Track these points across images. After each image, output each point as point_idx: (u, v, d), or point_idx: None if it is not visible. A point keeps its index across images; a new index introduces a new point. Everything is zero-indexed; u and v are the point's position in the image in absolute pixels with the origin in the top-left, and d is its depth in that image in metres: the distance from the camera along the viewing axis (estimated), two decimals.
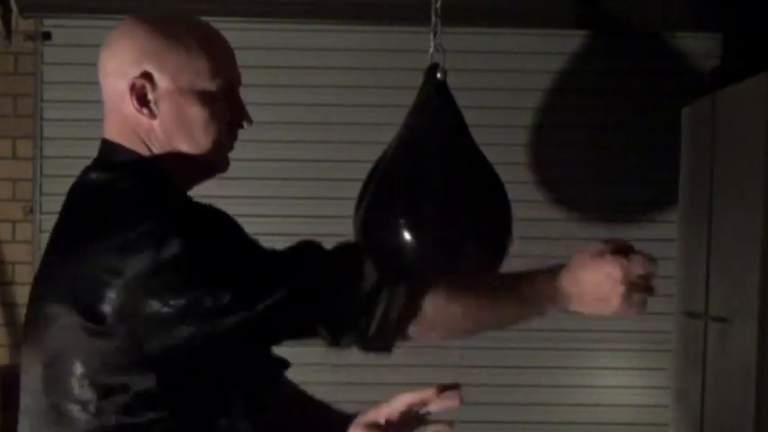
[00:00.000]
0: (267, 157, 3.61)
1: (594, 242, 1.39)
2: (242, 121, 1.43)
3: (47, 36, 3.70)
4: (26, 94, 3.71)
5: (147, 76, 1.35)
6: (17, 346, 3.52)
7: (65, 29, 3.69)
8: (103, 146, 1.41)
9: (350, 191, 2.71)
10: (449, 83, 2.63)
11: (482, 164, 2.61)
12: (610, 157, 3.75)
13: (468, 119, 2.66)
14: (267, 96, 3.51)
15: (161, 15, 1.42)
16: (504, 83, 3.72)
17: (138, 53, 1.35)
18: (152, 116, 1.36)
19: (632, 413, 3.76)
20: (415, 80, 2.70)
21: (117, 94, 1.37)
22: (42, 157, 3.70)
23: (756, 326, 2.81)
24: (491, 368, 3.66)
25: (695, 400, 3.28)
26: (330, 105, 3.71)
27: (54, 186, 3.60)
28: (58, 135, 3.68)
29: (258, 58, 3.51)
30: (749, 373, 2.84)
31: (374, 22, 3.68)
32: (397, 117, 2.68)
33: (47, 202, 3.66)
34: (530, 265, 1.44)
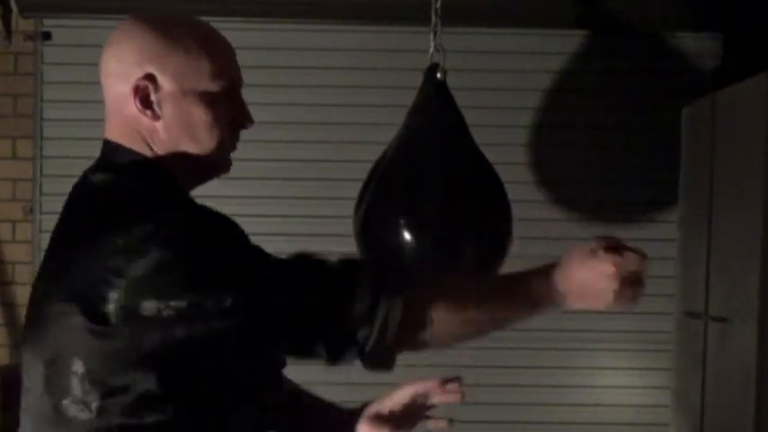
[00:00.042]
0: (267, 157, 3.60)
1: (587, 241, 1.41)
2: (244, 121, 1.43)
3: (47, 36, 3.70)
4: (26, 94, 3.71)
5: (150, 77, 1.34)
6: (17, 346, 3.52)
7: (65, 29, 3.69)
8: (105, 147, 1.40)
9: (350, 191, 2.71)
10: (449, 83, 2.63)
11: (482, 164, 2.61)
12: (610, 157, 3.74)
13: (468, 119, 2.65)
14: (267, 96, 3.51)
15: (162, 16, 1.42)
16: (504, 83, 3.72)
17: (141, 54, 1.34)
18: (155, 118, 1.36)
19: (632, 413, 3.76)
20: (415, 80, 2.70)
21: (119, 95, 1.37)
22: (42, 157, 3.70)
23: (756, 326, 2.81)
24: (491, 368, 3.66)
25: (695, 400, 3.28)
26: (330, 105, 3.71)
27: (54, 186, 3.60)
28: (58, 135, 3.68)
29: (258, 58, 3.51)
30: (749, 373, 2.83)
31: (374, 22, 3.68)
32: (397, 117, 2.68)
33: (47, 202, 3.66)
34: (530, 266, 1.45)
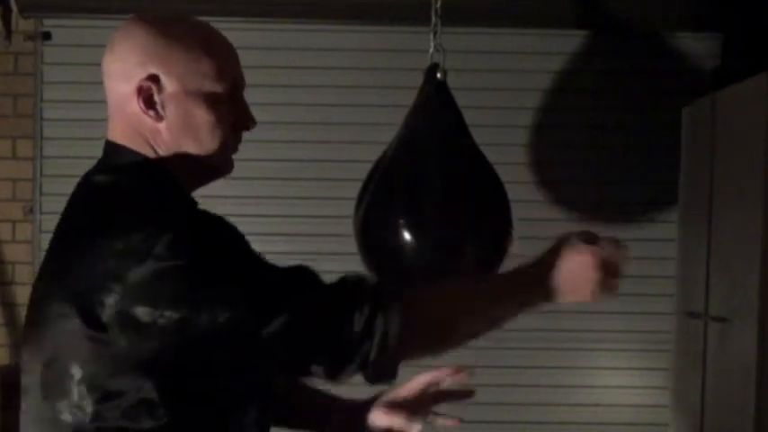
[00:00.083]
0: (267, 157, 3.60)
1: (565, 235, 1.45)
2: (247, 123, 1.42)
3: (47, 36, 3.70)
4: (26, 94, 3.71)
5: (154, 78, 1.34)
6: (17, 346, 3.52)
7: (65, 29, 3.69)
8: (107, 147, 1.39)
9: (350, 191, 2.71)
10: (449, 83, 2.63)
11: (482, 164, 2.60)
12: (610, 157, 3.74)
13: (468, 119, 2.65)
14: (267, 96, 3.51)
15: (164, 16, 1.41)
16: (504, 83, 3.72)
17: (144, 55, 1.34)
18: (158, 118, 1.35)
19: (632, 413, 3.76)
20: (415, 80, 2.69)
21: (122, 96, 1.36)
22: (42, 157, 3.70)
23: (756, 326, 2.81)
24: (491, 368, 3.66)
25: (695, 400, 3.28)
26: (330, 105, 3.71)
27: (54, 186, 3.60)
28: (58, 135, 3.68)
29: (258, 58, 3.51)
30: (749, 373, 2.83)
31: (374, 22, 3.68)
32: (397, 117, 2.68)
33: (47, 202, 3.66)
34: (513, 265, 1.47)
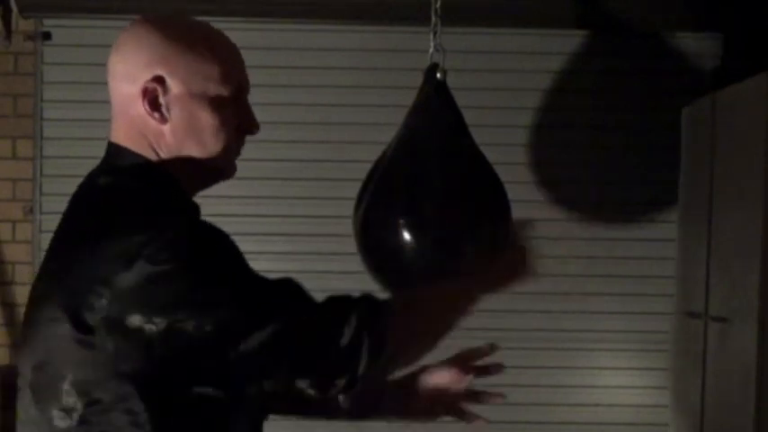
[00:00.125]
0: (267, 157, 3.60)
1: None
2: (251, 127, 1.42)
3: (47, 36, 3.69)
4: (26, 94, 3.71)
5: (159, 79, 1.33)
6: (17, 346, 3.52)
7: (65, 29, 3.69)
8: (110, 149, 1.39)
9: (350, 191, 2.70)
10: (449, 83, 2.63)
11: (482, 164, 2.60)
12: (610, 157, 3.74)
13: (468, 119, 2.65)
14: (267, 96, 3.49)
15: (170, 18, 1.40)
16: (504, 83, 3.72)
17: (150, 57, 1.33)
18: (163, 120, 1.34)
19: (632, 413, 3.76)
20: (415, 80, 2.69)
21: (126, 96, 1.35)
22: (42, 157, 3.69)
23: (756, 326, 2.81)
24: None
25: (695, 400, 3.28)
26: (330, 105, 3.71)
27: (54, 186, 3.60)
28: (58, 135, 3.68)
29: (258, 58, 3.49)
30: (749, 373, 2.83)
31: (374, 22, 3.68)
32: (397, 117, 2.67)
33: (47, 202, 3.65)
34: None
